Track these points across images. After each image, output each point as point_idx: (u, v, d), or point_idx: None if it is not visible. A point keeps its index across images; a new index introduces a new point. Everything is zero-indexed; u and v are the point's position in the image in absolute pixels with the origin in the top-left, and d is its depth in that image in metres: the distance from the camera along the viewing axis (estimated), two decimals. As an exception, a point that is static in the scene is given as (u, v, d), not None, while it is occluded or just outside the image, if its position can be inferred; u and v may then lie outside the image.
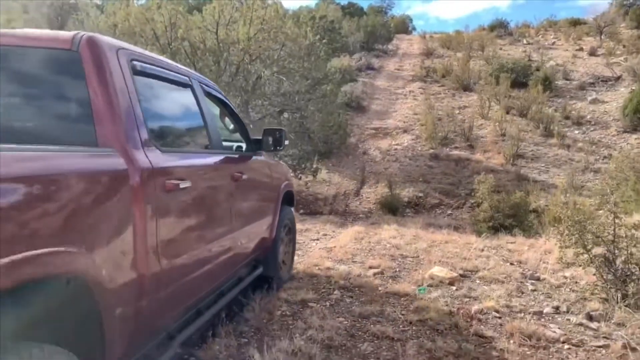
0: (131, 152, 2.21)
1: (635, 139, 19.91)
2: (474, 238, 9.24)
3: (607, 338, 4.28)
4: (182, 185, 2.53)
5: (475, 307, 4.61)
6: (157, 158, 2.38)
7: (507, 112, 22.77)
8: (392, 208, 16.03)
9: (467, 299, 4.92)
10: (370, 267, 5.81)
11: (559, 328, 4.41)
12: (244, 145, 4.13)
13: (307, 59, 17.03)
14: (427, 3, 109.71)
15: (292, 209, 5.27)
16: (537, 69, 27.16)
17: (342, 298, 4.73)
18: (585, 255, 5.26)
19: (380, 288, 5.07)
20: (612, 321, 4.59)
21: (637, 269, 4.98)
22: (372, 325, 4.04)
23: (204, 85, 3.46)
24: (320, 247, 7.09)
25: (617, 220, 5.14)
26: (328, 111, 18.43)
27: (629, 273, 4.98)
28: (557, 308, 4.95)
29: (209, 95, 3.52)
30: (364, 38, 34.63)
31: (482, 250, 7.60)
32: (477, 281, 5.68)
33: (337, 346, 3.63)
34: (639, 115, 20.07)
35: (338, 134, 19.39)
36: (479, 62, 29.64)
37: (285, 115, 17.89)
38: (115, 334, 1.95)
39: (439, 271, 5.65)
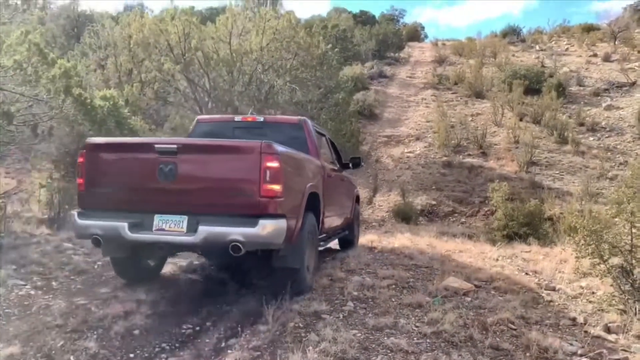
0: (320, 160, 5.80)
1: (652, 145, 19.64)
2: (489, 247, 9.16)
3: (626, 351, 4.21)
4: (331, 176, 6.15)
5: (490, 319, 4.55)
6: (324, 163, 5.93)
7: (521, 119, 22.60)
8: (405, 216, 15.95)
9: (482, 310, 4.87)
10: (384, 278, 5.78)
11: (576, 340, 4.34)
12: (337, 165, 7.26)
13: (319, 68, 17.10)
14: (438, 10, 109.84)
15: (358, 205, 8.83)
16: (551, 76, 26.92)
17: (356, 309, 4.71)
18: (602, 266, 5.19)
19: (393, 299, 5.04)
20: (631, 333, 4.51)
21: (656, 280, 4.89)
22: (386, 338, 4.01)
23: (327, 134, 7.37)
24: (332, 257, 7.07)
25: (634, 230, 5.06)
26: (341, 119, 18.48)
27: (647, 284, 4.90)
28: (574, 320, 4.87)
29: (329, 139, 7.31)
30: (376, 46, 34.68)
31: (497, 259, 7.53)
32: (492, 292, 5.61)
33: (351, 359, 3.61)
34: (655, 121, 19.78)
35: (351, 142, 19.39)
36: (492, 69, 29.49)
37: (298, 124, 17.93)
38: (320, 221, 5.54)
39: (454, 282, 5.60)
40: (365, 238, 9.49)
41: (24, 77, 7.82)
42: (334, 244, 7.97)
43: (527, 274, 6.68)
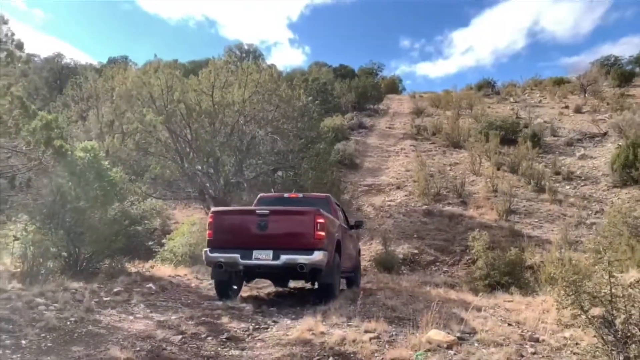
0: (340, 221, 9.20)
1: (626, 193, 20.13)
2: (471, 297, 9.11)
3: (612, 405, 4.14)
4: (346, 232, 9.58)
5: (474, 373, 4.47)
6: (341, 223, 9.32)
7: (498, 168, 23.08)
8: (387, 265, 15.83)
9: (466, 364, 4.79)
10: (366, 331, 5.67)
11: (561, 395, 4.27)
12: (347, 226, 10.06)
13: (300, 120, 17.38)
14: (414, 64, 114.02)
15: (360, 257, 11.80)
16: (526, 126, 27.81)
17: (338, 365, 4.59)
18: (584, 316, 5.17)
19: (376, 354, 4.93)
20: (616, 386, 4.45)
21: (638, 330, 4.88)
22: (369, 395, 3.90)
23: (341, 206, 10.81)
24: (313, 310, 6.94)
25: (612, 280, 5.09)
26: (321, 169, 18.62)
27: (629, 334, 4.87)
28: (558, 372, 4.81)
29: (342, 209, 10.55)
30: (355, 98, 35.59)
31: (480, 310, 7.48)
32: (476, 344, 5.54)
33: (333, 419, 3.49)
34: (627, 170, 20.38)
35: (332, 191, 19.48)
36: (468, 120, 30.34)
37: (279, 173, 18.04)
38: (340, 258, 8.54)
39: (437, 334, 5.52)
40: (348, 289, 9.37)
41: (4, 128, 7.77)
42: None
43: (510, 324, 6.64)
